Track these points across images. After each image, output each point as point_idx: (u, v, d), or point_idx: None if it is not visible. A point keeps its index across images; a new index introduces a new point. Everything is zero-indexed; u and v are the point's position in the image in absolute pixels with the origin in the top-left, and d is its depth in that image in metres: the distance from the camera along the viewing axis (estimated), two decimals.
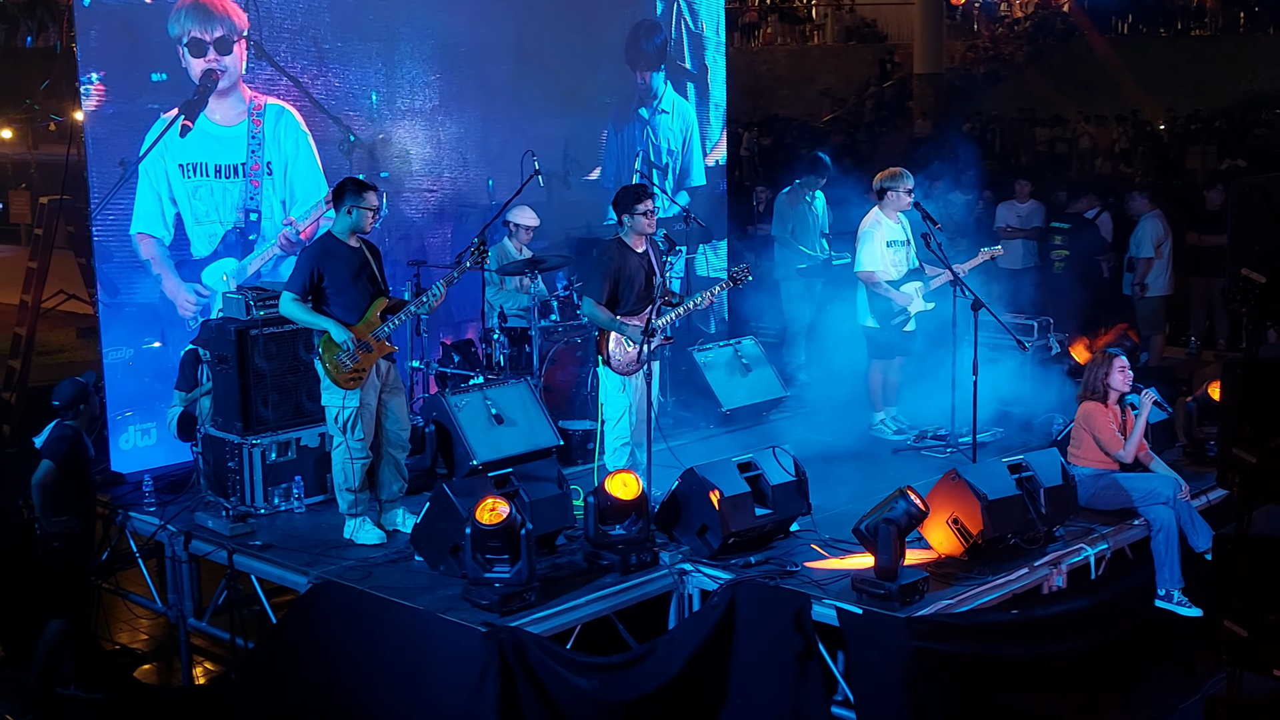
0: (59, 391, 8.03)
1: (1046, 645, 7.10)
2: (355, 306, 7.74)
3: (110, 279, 9.37)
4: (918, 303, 9.84)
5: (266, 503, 8.37)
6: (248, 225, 9.97)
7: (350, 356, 7.64)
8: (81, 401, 7.99)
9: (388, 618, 6.92)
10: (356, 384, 7.70)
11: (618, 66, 12.45)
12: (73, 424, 7.95)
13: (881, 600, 6.75)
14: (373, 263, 7.86)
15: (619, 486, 7.32)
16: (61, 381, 8.14)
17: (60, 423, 7.95)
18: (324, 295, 7.72)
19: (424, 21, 10.99)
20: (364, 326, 7.70)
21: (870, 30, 34.81)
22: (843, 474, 9.01)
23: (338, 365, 7.66)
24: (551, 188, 11.44)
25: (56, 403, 7.99)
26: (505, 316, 10.23)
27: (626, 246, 8.37)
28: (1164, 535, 7.83)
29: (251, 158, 9.96)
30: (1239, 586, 4.86)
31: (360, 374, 7.69)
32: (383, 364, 7.83)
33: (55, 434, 7.90)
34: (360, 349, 7.65)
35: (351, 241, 7.78)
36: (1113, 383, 8.25)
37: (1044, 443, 9.00)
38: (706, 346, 10.74)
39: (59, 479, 7.75)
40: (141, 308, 9.52)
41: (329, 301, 7.72)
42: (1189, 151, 24.36)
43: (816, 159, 11.83)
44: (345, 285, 7.72)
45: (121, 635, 9.06)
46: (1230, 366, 4.75)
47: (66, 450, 7.82)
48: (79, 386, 8.03)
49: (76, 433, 7.95)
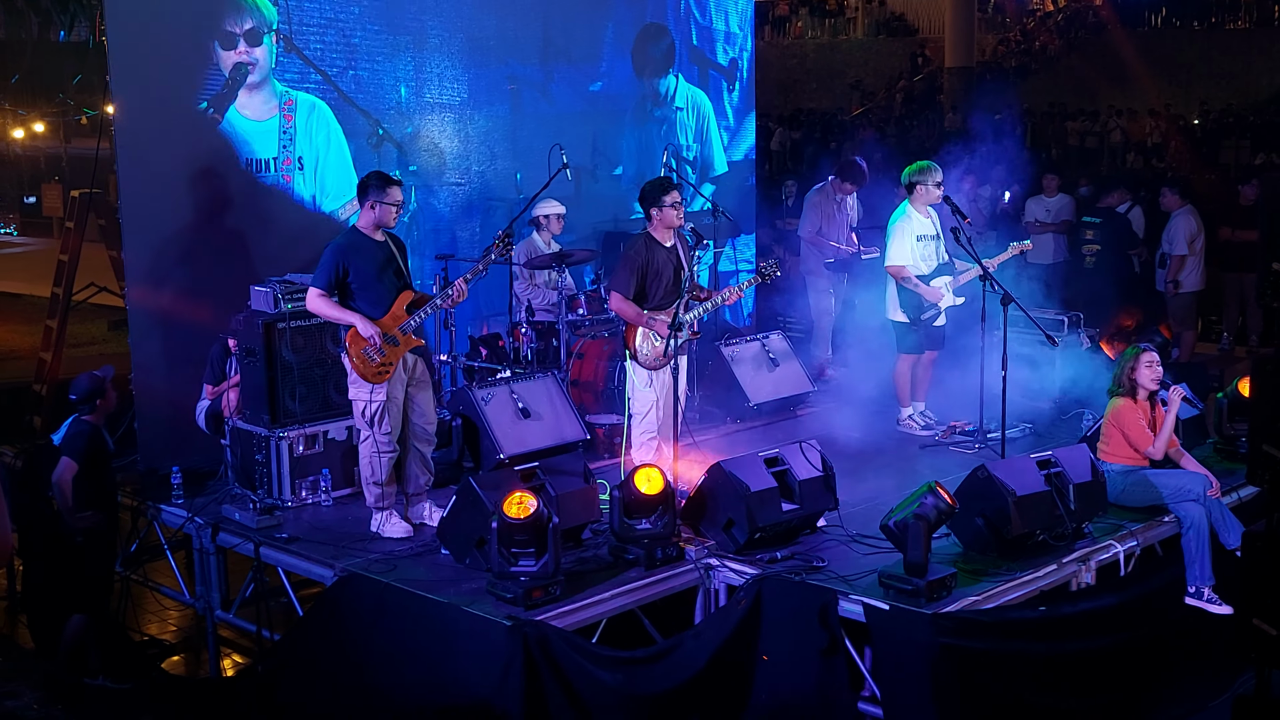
0: (75, 386, 8.01)
1: (1074, 642, 7.04)
2: (381, 301, 7.74)
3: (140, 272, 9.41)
4: (948, 297, 9.79)
5: (293, 495, 8.39)
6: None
7: (376, 350, 7.65)
8: (98, 396, 7.95)
9: (413, 611, 6.93)
10: (383, 378, 7.71)
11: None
12: (90, 419, 7.95)
13: (909, 596, 6.71)
14: (398, 256, 7.86)
15: (644, 481, 7.31)
16: (78, 376, 8.12)
17: (78, 418, 7.94)
18: (349, 290, 7.73)
19: (452, 15, 11.01)
20: (390, 320, 7.71)
21: (901, 24, 34.66)
22: (870, 469, 9.00)
23: (364, 359, 7.68)
24: (579, 181, 11.43)
25: (73, 397, 7.98)
26: (533, 310, 10.25)
27: (654, 240, 8.35)
28: (1194, 532, 7.78)
29: (283, 152, 9.98)
30: (1268, 584, 4.82)
31: (387, 367, 7.71)
32: (409, 357, 7.84)
33: (73, 430, 7.88)
34: (386, 343, 7.66)
35: (376, 235, 7.79)
36: (1141, 378, 8.18)
37: (1073, 439, 8.95)
38: (734, 341, 10.72)
39: (78, 475, 7.75)
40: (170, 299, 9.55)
41: (354, 296, 7.73)
42: (1222, 146, 24.18)
43: (855, 166, 11.66)
44: (370, 279, 7.73)
45: (150, 626, 9.12)
46: (1261, 362, 4.71)
47: (84, 446, 7.80)
48: (96, 381, 7.99)
49: (94, 428, 7.93)
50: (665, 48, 12.69)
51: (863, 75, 32.59)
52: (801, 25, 34.97)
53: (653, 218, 8.34)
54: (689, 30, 12.87)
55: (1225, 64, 28.05)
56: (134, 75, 9.19)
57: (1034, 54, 31.74)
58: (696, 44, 12.93)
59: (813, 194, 11.77)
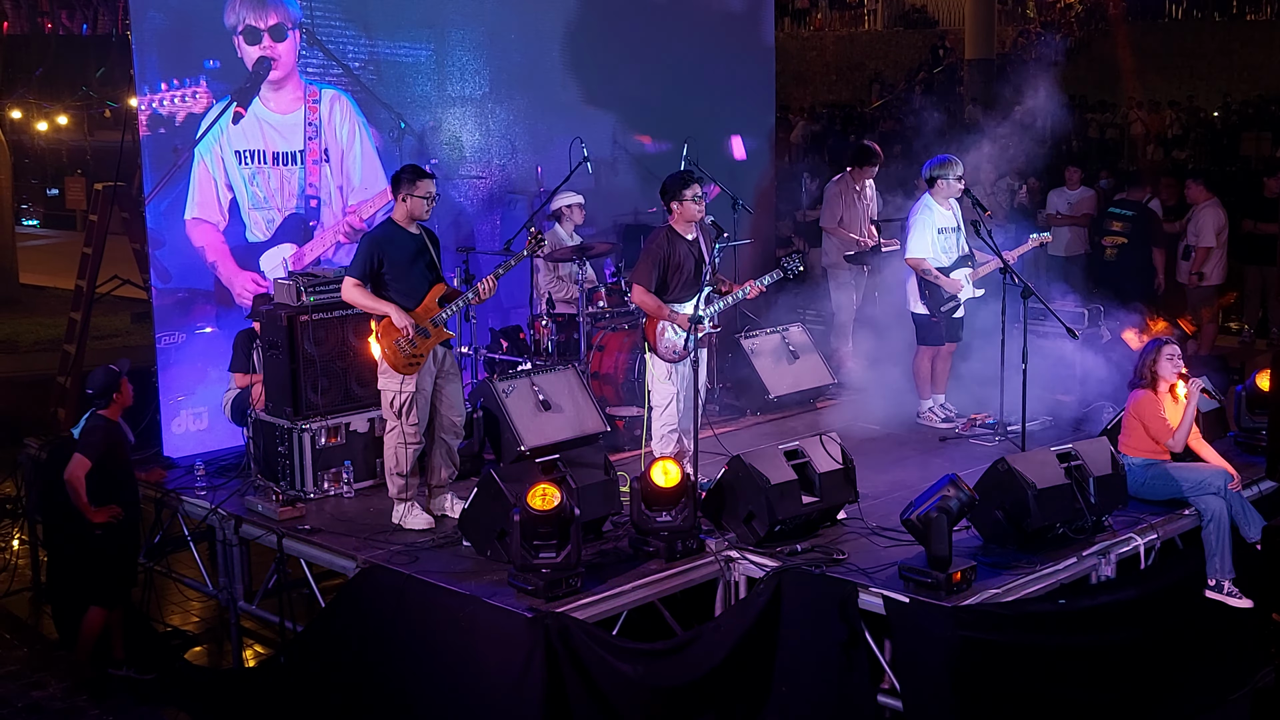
0: (92, 380, 8.03)
1: (1094, 635, 7.04)
2: (414, 292, 7.81)
3: (163, 264, 9.47)
4: (968, 289, 9.80)
5: (316, 487, 8.44)
6: (307, 212, 10.05)
7: (409, 341, 7.71)
8: (114, 390, 7.95)
9: (434, 602, 6.96)
10: (414, 369, 7.77)
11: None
12: (106, 413, 7.94)
13: (929, 589, 6.72)
14: (431, 249, 7.93)
15: (661, 474, 7.33)
16: (94, 370, 8.13)
17: (94, 412, 7.96)
18: (383, 281, 7.80)
19: (474, 8, 11.04)
20: (422, 312, 7.77)
21: (920, 16, 34.57)
22: (890, 462, 9.01)
23: (396, 350, 7.73)
24: (600, 174, 11.45)
25: (89, 391, 7.99)
26: (554, 303, 10.28)
27: (675, 233, 8.36)
28: (1215, 525, 7.77)
29: (309, 145, 10.04)
30: None
31: (418, 359, 7.76)
32: (439, 350, 7.90)
33: (88, 425, 7.90)
34: (418, 334, 7.72)
35: (411, 228, 7.86)
36: (1161, 370, 8.17)
37: (1094, 431, 8.94)
38: (754, 333, 10.73)
39: (91, 471, 7.77)
40: (194, 293, 9.62)
41: (388, 287, 7.80)
42: (1244, 137, 24.04)
43: (867, 149, 11.73)
44: (404, 271, 7.80)
45: (173, 617, 9.19)
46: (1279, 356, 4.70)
47: (98, 441, 7.81)
48: (111, 375, 7.99)
49: (110, 422, 7.94)
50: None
51: (882, 67, 32.52)
52: (821, 17, 34.91)
53: (673, 210, 8.35)
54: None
55: (1246, 56, 27.90)
56: (157, 68, 9.27)
57: (1055, 45, 31.63)
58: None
59: (831, 185, 11.77)
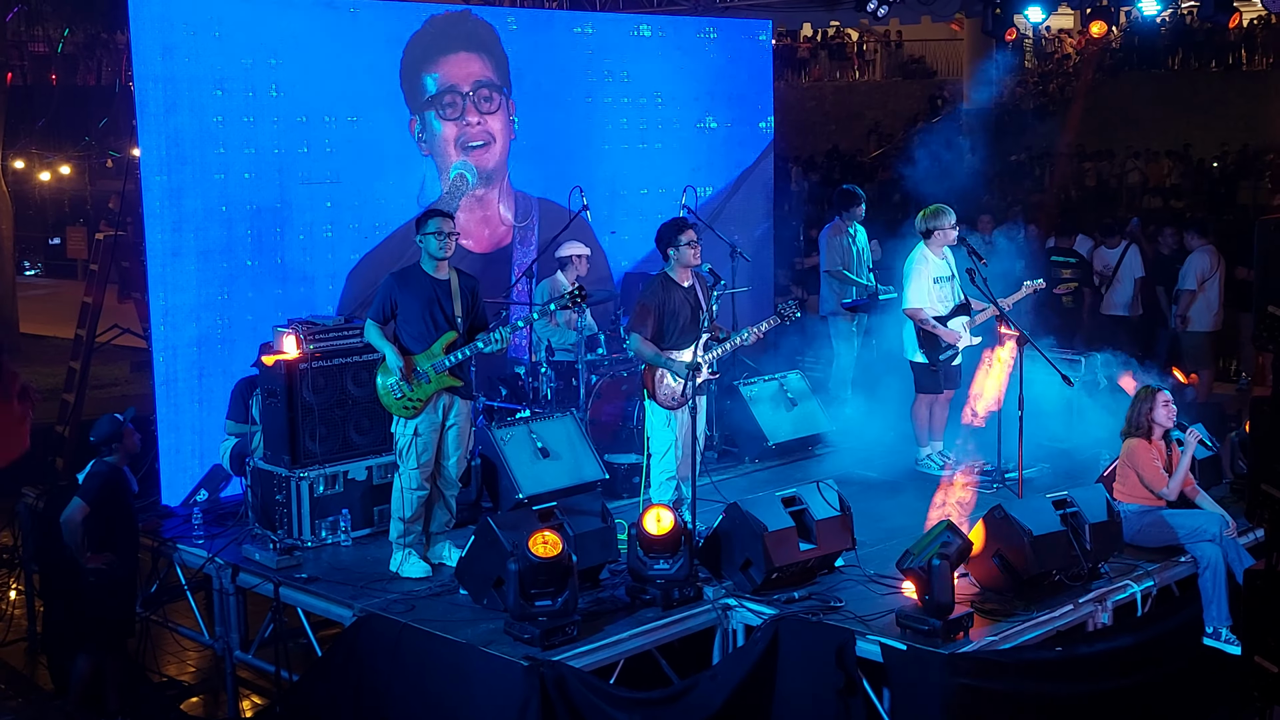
0: (96, 428, 8.06)
1: (1091, 683, 7.02)
2: (422, 337, 7.81)
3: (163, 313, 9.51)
4: (966, 338, 9.84)
5: (313, 535, 8.44)
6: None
7: (400, 385, 7.72)
8: (116, 439, 7.98)
9: (430, 651, 6.95)
10: (411, 413, 7.78)
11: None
12: (110, 460, 7.98)
13: (925, 636, 6.72)
14: (456, 295, 7.87)
15: (653, 522, 7.32)
16: (100, 418, 8.18)
17: (99, 459, 7.99)
18: (396, 324, 7.84)
19: None
20: (423, 357, 7.79)
21: (919, 66, 34.78)
22: (888, 509, 9.01)
23: (388, 391, 7.76)
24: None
25: (93, 439, 8.03)
26: (552, 350, 10.31)
27: (672, 281, 8.39)
28: (1211, 572, 7.76)
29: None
30: (1270, 623, 4.82)
31: (415, 403, 7.77)
32: (445, 397, 7.89)
33: (91, 471, 7.94)
34: (417, 379, 7.73)
35: (438, 273, 7.86)
36: (1157, 418, 8.19)
37: (1091, 478, 8.94)
38: (752, 380, 10.75)
39: (88, 517, 7.77)
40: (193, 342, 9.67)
41: (399, 329, 7.84)
42: (1240, 186, 24.15)
43: (849, 192, 11.78)
44: (414, 315, 7.81)
45: (169, 667, 9.15)
46: (1258, 403, 4.73)
47: (98, 487, 7.84)
48: (115, 424, 8.03)
49: (113, 469, 7.97)
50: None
51: (881, 117, 32.69)
52: (821, 69, 35.10)
53: (670, 258, 8.39)
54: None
55: (1243, 105, 28.04)
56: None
57: (1052, 95, 31.81)
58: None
59: (827, 231, 11.83)
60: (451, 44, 10.93)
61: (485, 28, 11.23)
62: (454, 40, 10.96)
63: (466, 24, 11.13)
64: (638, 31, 12.53)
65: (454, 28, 10.99)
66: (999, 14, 14.94)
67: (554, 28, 12.09)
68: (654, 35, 12.59)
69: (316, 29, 10.20)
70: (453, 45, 10.93)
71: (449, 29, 10.95)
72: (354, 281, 10.43)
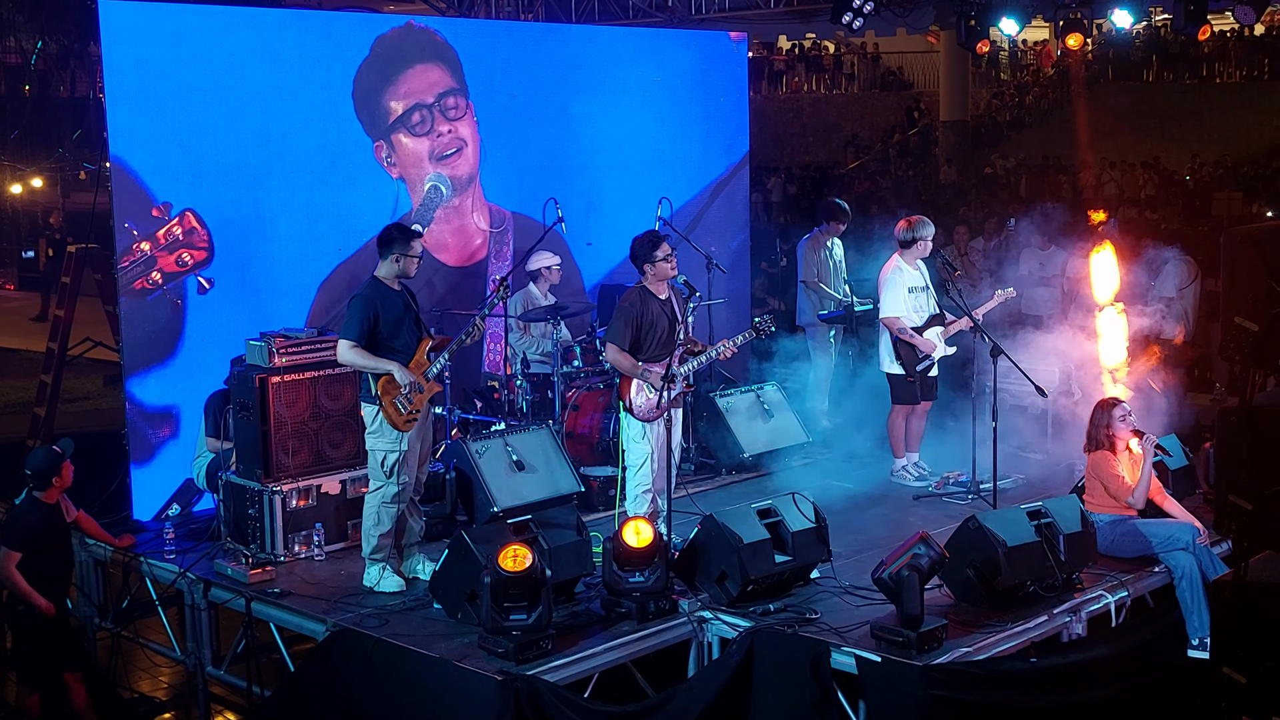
0: (31, 460, 7.90)
1: (1066, 694, 7.03)
2: (406, 348, 7.82)
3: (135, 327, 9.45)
4: (940, 348, 9.86)
5: (286, 550, 8.39)
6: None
7: (407, 399, 7.70)
8: (54, 473, 7.83)
9: (404, 666, 6.91)
10: (412, 425, 7.76)
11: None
12: (41, 496, 7.82)
13: (900, 648, 6.71)
14: (414, 304, 7.96)
15: (633, 534, 7.31)
16: (36, 449, 7.99)
17: (29, 493, 7.82)
18: (379, 339, 7.78)
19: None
20: (414, 367, 7.78)
21: (895, 78, 34.92)
22: (864, 520, 9.01)
23: (396, 408, 7.71)
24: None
25: (28, 471, 7.85)
26: (528, 362, 10.28)
27: (649, 293, 8.39)
28: (1187, 582, 7.76)
29: None
30: (1237, 633, 4.83)
31: (416, 414, 7.75)
32: (427, 405, 7.90)
33: (17, 509, 7.77)
34: (414, 390, 7.72)
35: (395, 285, 7.88)
36: (1117, 432, 8.23)
37: (1065, 489, 8.96)
38: (728, 392, 10.74)
39: (22, 562, 7.64)
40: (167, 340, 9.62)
41: (383, 345, 7.78)
42: (1215, 198, 24.30)
43: (834, 205, 11.87)
44: (396, 328, 7.80)
45: (141, 683, 9.09)
46: (1225, 414, 4.75)
47: (23, 530, 7.71)
48: (53, 457, 7.86)
49: (43, 506, 7.80)
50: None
51: (858, 129, 32.81)
52: (798, 80, 35.22)
53: (645, 271, 8.39)
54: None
55: (1217, 117, 28.25)
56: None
57: (1027, 108, 31.97)
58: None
59: (804, 243, 11.87)
60: (406, 58, 10.86)
61: (430, 34, 11.14)
62: (408, 54, 10.89)
63: (414, 35, 11.03)
64: (613, 43, 12.53)
65: (404, 42, 10.90)
66: (973, 26, 15.01)
67: (529, 40, 12.05)
68: (630, 47, 12.60)
69: (287, 41, 10.16)
70: (408, 59, 10.87)
71: (400, 44, 10.85)
72: (325, 294, 10.37)
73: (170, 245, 9.50)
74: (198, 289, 9.64)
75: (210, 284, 9.68)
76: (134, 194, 9.40)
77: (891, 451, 10.14)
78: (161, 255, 9.48)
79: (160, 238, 9.45)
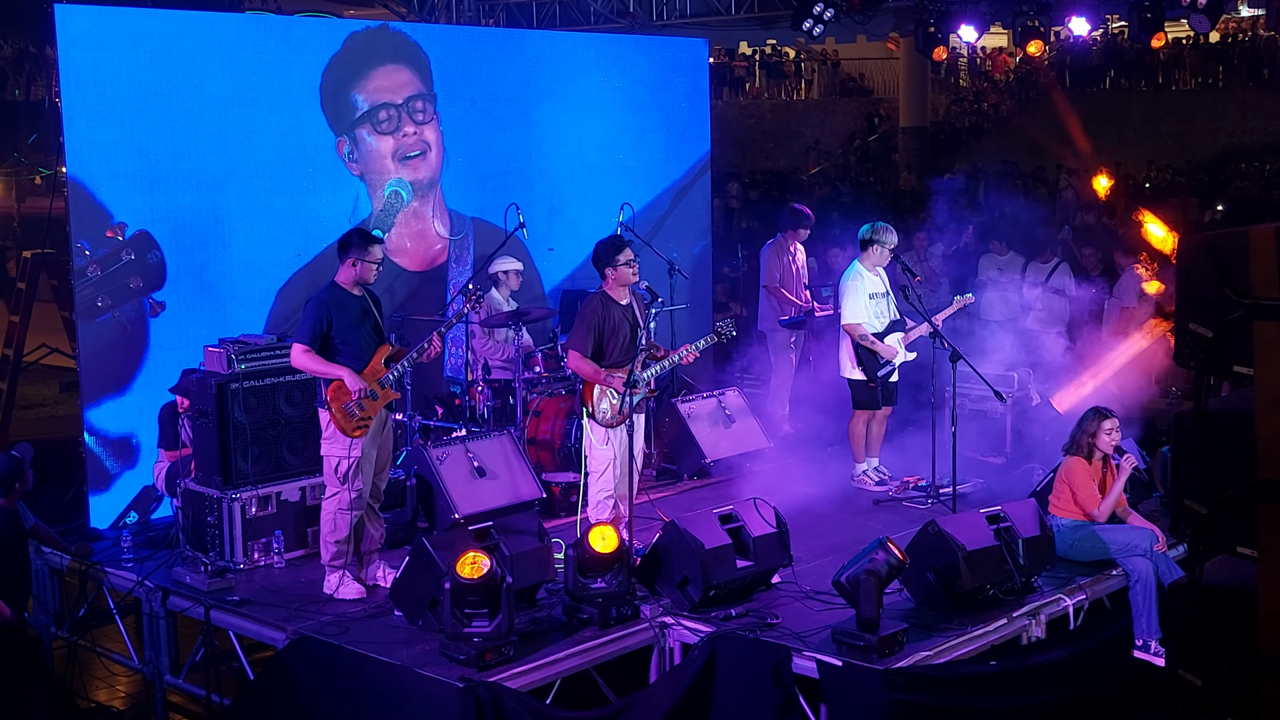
0: None
1: (1026, 696, 7.06)
2: (362, 355, 7.76)
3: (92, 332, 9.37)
4: (901, 353, 9.91)
5: (245, 558, 8.33)
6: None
7: (358, 405, 7.65)
8: (16, 479, 7.75)
9: (364, 673, 6.88)
10: (363, 432, 7.71)
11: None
12: (3, 502, 7.74)
13: (861, 652, 6.73)
14: (375, 310, 7.90)
15: (598, 540, 7.30)
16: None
17: None
18: (332, 344, 7.73)
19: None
20: (370, 374, 7.73)
21: (856, 85, 35.06)
22: (825, 525, 9.04)
23: (345, 414, 7.67)
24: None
25: None
26: (489, 368, 10.26)
27: (610, 299, 8.38)
28: (1141, 586, 7.84)
29: None
30: (1193, 636, 4.87)
31: (366, 422, 7.70)
32: (383, 412, 7.85)
33: None
34: (367, 397, 7.67)
35: (355, 291, 7.83)
36: (1100, 444, 8.27)
37: (1024, 493, 9.02)
38: (690, 397, 10.76)
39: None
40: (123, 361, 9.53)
41: (337, 351, 7.74)
42: (1170, 203, 24.53)
43: (798, 212, 11.93)
44: (351, 333, 7.75)
45: (98, 693, 8.98)
46: (1180, 418, 4.79)
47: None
48: (13, 463, 7.78)
49: (5, 511, 7.70)
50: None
51: (819, 135, 32.92)
52: (759, 86, 35.29)
53: (607, 276, 8.39)
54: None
55: (1172, 124, 28.54)
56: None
57: (986, 114, 32.16)
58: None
59: (767, 248, 11.93)
60: (378, 58, 10.87)
61: (403, 38, 11.17)
62: (380, 54, 10.90)
63: (387, 37, 11.07)
64: (575, 49, 12.54)
65: (377, 41, 10.93)
66: (932, 33, 15.10)
67: (489, 46, 12.03)
68: (591, 53, 12.61)
69: (247, 46, 10.12)
70: (379, 59, 10.88)
71: (373, 43, 10.88)
72: (284, 300, 10.32)
73: (121, 270, 9.45)
74: (150, 310, 9.59)
75: (162, 306, 9.63)
76: (90, 210, 9.37)
77: (852, 456, 10.18)
78: (111, 279, 9.43)
79: (109, 261, 9.41)
